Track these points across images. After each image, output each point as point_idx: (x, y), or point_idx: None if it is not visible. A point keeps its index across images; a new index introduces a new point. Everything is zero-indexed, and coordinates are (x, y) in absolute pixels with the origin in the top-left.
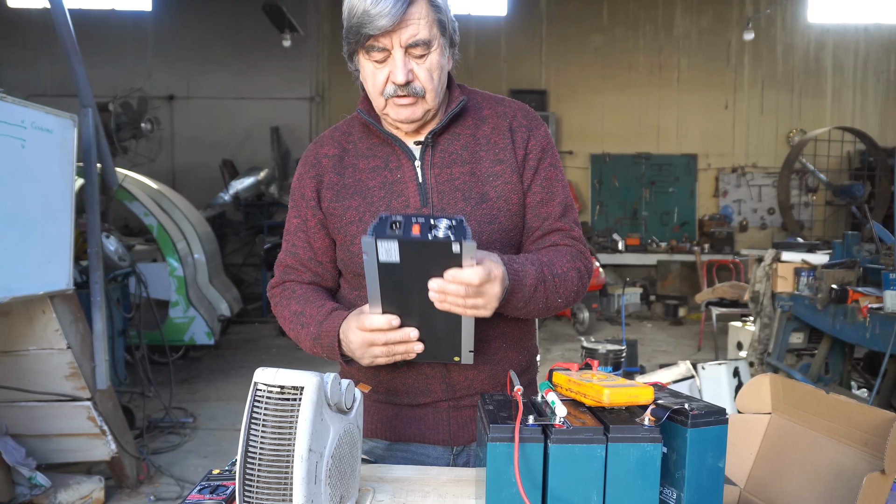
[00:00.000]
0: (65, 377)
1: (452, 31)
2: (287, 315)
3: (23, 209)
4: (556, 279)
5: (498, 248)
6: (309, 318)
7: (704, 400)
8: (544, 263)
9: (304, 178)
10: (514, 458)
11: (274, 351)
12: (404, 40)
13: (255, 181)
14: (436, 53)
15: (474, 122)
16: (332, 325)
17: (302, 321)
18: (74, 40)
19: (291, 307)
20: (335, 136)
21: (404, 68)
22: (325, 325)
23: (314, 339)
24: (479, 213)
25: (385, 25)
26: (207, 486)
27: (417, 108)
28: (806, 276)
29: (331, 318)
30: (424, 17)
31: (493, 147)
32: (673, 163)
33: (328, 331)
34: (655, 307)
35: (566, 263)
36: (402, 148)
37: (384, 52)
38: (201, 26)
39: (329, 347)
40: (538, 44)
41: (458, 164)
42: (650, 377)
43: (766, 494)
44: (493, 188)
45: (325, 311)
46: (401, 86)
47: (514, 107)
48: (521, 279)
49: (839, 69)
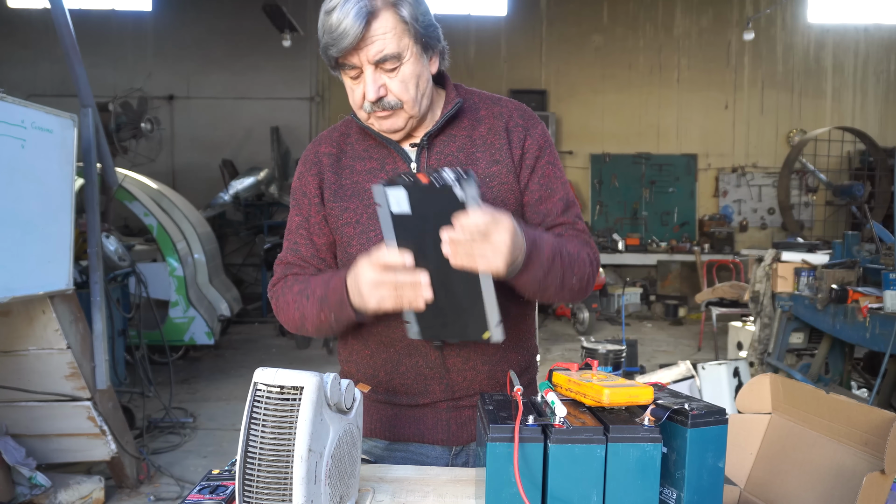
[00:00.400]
0: (65, 377)
1: (429, 37)
2: (290, 300)
3: (23, 209)
4: (571, 257)
5: None
6: (314, 288)
7: (704, 400)
8: (558, 241)
9: (305, 176)
10: (513, 458)
11: (274, 351)
12: (371, 56)
13: (255, 181)
14: (409, 64)
15: (470, 124)
16: (340, 278)
17: (306, 294)
18: (74, 40)
19: (294, 290)
20: (333, 137)
21: (374, 85)
22: (331, 283)
23: (321, 302)
24: None
25: (348, 46)
26: (207, 486)
27: (398, 119)
28: (806, 276)
29: (337, 276)
30: (391, 31)
31: (489, 148)
32: (673, 163)
33: (336, 287)
34: (655, 307)
35: (577, 246)
36: (398, 150)
37: (356, 69)
38: (201, 26)
39: (338, 303)
40: (538, 44)
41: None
42: (650, 377)
43: (766, 494)
44: (489, 189)
45: (330, 275)
46: (374, 102)
47: (511, 106)
48: (539, 246)
49: (839, 69)
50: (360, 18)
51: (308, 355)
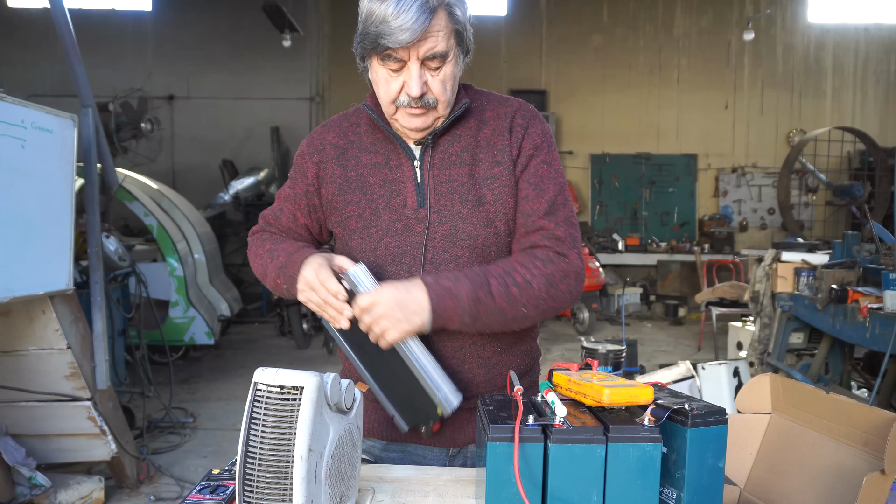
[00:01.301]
0: (65, 377)
1: (469, 41)
2: (260, 253)
3: (23, 209)
4: (515, 288)
5: (494, 252)
6: (280, 251)
7: (704, 400)
8: (497, 274)
9: (306, 156)
10: (514, 458)
11: (274, 351)
12: (422, 53)
13: (255, 181)
14: (450, 64)
15: (476, 124)
16: (301, 256)
17: (273, 255)
18: (74, 40)
19: (266, 246)
20: (343, 126)
21: (420, 81)
22: (294, 256)
23: (280, 269)
24: (475, 215)
25: (405, 40)
26: (207, 486)
27: (428, 118)
28: (806, 276)
29: (300, 252)
30: (443, 29)
31: (491, 149)
32: (673, 163)
33: (295, 262)
34: (655, 307)
35: (533, 269)
36: (403, 147)
37: (400, 62)
38: (201, 26)
39: (291, 277)
40: (538, 44)
41: (457, 166)
42: (650, 377)
43: (766, 494)
44: (490, 191)
45: (299, 246)
46: (415, 98)
47: (515, 106)
48: (454, 293)
49: (839, 69)
50: (425, 15)
51: (308, 355)
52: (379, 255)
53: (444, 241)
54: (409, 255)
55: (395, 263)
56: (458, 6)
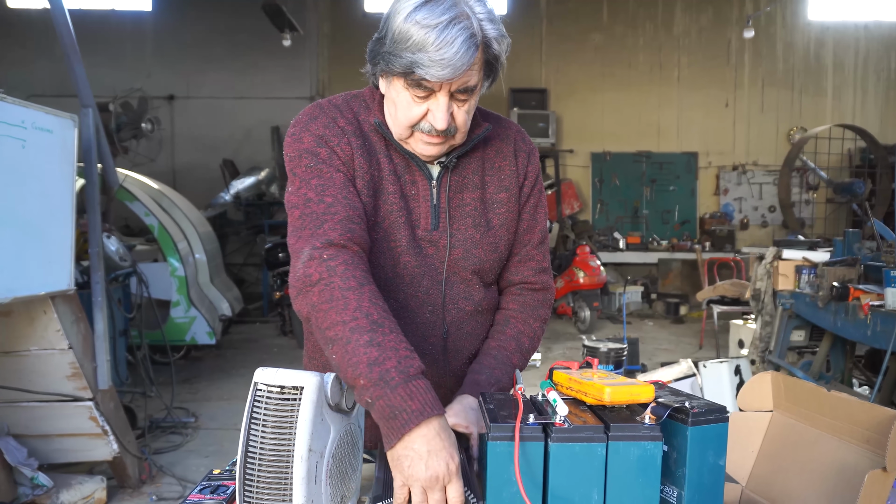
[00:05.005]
0: (66, 377)
1: (498, 71)
2: (351, 306)
3: (23, 209)
4: (527, 354)
5: (492, 276)
6: (387, 344)
7: (705, 398)
8: (518, 356)
9: (329, 139)
10: (514, 457)
11: (275, 351)
12: (455, 87)
13: (255, 181)
14: (475, 96)
15: (482, 144)
16: (420, 404)
17: (377, 341)
18: (74, 40)
19: (363, 304)
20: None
21: (447, 114)
22: (413, 382)
23: (373, 367)
24: (486, 241)
25: (444, 76)
26: (208, 485)
27: (443, 147)
28: (807, 273)
29: (413, 364)
30: (477, 63)
31: (497, 172)
32: (673, 161)
33: (409, 406)
34: (656, 305)
35: (534, 324)
36: (418, 164)
37: (428, 91)
38: (201, 26)
39: (390, 415)
40: (538, 42)
41: (469, 189)
42: (651, 375)
43: (768, 492)
44: (496, 216)
45: (407, 354)
46: (439, 130)
47: (513, 128)
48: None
49: (839, 67)
50: (471, 52)
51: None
52: (398, 274)
53: (455, 264)
54: (428, 277)
55: (412, 285)
56: (501, 43)
